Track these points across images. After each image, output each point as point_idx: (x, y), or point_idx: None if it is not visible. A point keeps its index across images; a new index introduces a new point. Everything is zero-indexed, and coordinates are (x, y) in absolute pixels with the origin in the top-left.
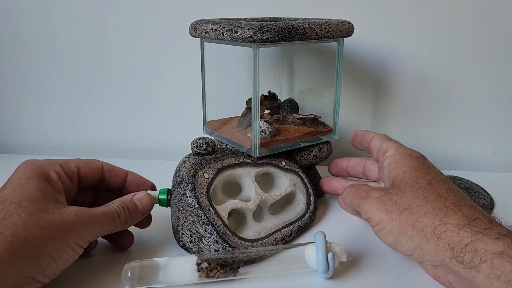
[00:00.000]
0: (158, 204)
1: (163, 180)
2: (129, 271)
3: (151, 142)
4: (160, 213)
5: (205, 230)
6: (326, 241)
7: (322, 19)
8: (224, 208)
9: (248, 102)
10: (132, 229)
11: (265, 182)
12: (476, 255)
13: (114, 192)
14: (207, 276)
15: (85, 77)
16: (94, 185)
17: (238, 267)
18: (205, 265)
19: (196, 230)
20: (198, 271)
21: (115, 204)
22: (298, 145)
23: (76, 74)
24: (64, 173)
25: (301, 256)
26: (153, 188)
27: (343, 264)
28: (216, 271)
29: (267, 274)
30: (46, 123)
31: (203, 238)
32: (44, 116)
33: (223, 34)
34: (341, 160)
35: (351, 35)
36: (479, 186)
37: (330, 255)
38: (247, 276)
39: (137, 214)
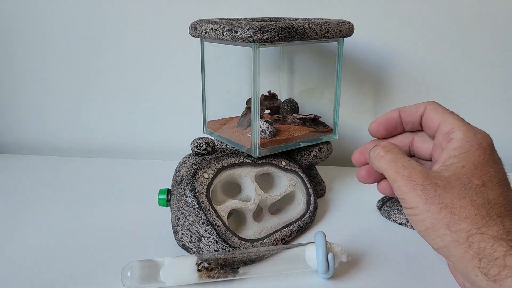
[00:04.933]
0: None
1: (163, 180)
2: (129, 271)
3: (151, 142)
4: (160, 213)
5: (205, 230)
6: (326, 241)
7: (322, 19)
8: (224, 208)
9: (248, 102)
10: (132, 229)
11: (265, 182)
12: (504, 270)
13: None
14: (207, 276)
15: (85, 77)
16: None
17: (238, 267)
18: (205, 265)
19: (196, 230)
20: (198, 271)
21: None
22: (298, 145)
23: (76, 74)
24: None
25: (301, 256)
26: None
27: (343, 264)
28: (216, 271)
29: (267, 274)
30: (46, 123)
31: (203, 238)
32: (44, 116)
33: (223, 34)
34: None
35: (351, 35)
36: None
37: (330, 255)
38: (247, 276)
39: None
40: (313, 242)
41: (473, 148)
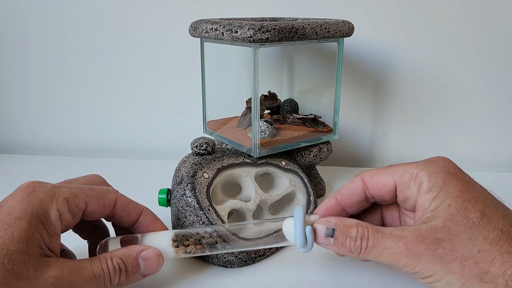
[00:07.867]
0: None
1: (163, 180)
2: (107, 246)
3: (151, 142)
4: (160, 213)
5: (205, 230)
6: (304, 214)
7: (322, 19)
8: (224, 208)
9: (248, 102)
10: None
11: (265, 182)
12: None
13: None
14: (184, 252)
15: (85, 78)
16: (100, 218)
17: (216, 242)
18: (180, 240)
19: None
20: (175, 247)
21: (111, 262)
22: (298, 145)
23: (76, 74)
24: (68, 210)
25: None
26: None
27: (344, 263)
28: (193, 246)
29: (245, 248)
30: (46, 123)
31: (202, 238)
32: (44, 116)
33: (223, 34)
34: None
35: (351, 35)
36: None
37: (308, 228)
38: (225, 251)
39: (136, 276)
40: (292, 216)
41: (446, 180)
